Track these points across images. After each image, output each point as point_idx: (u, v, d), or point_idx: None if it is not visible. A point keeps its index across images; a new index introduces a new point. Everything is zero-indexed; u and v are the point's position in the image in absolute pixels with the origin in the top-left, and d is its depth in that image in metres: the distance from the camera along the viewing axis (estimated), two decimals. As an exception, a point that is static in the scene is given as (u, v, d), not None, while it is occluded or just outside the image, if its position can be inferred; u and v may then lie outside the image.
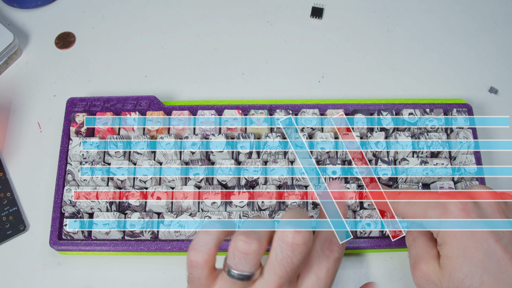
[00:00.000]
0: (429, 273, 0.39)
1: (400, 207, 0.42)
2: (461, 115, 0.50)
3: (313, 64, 0.58)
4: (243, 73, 0.57)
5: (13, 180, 0.52)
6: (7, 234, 0.49)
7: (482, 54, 0.58)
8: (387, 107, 0.51)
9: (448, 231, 0.38)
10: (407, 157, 0.48)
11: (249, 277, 0.34)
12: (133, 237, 0.46)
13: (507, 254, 0.36)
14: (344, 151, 0.48)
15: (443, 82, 0.57)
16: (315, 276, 0.36)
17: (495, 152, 0.53)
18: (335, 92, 0.56)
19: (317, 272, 0.36)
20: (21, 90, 0.57)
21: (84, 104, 0.52)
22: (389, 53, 0.58)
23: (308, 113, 0.50)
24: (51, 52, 0.59)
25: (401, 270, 0.48)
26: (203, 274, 0.35)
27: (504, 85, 0.56)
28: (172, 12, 0.61)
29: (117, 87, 0.57)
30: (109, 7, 0.61)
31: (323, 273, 0.36)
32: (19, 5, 0.60)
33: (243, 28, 0.60)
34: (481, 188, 0.40)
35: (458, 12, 0.61)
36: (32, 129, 0.55)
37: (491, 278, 0.36)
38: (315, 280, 0.36)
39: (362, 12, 0.61)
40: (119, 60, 0.58)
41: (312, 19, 0.60)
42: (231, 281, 0.34)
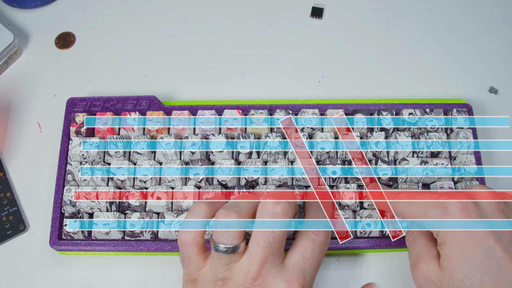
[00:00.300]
0: (429, 273, 0.39)
1: (400, 207, 0.42)
2: (461, 115, 0.50)
3: (313, 64, 0.58)
4: (243, 73, 0.57)
5: (13, 180, 0.52)
6: (7, 234, 0.49)
7: (482, 54, 0.58)
8: (387, 107, 0.51)
9: (448, 231, 0.38)
10: (407, 157, 0.48)
11: (234, 249, 0.37)
12: (133, 237, 0.46)
13: (507, 254, 0.36)
14: (344, 151, 0.48)
15: (443, 82, 0.57)
16: (300, 255, 0.38)
17: (495, 152, 0.53)
18: (335, 92, 0.56)
19: (303, 252, 0.38)
20: (21, 90, 0.57)
21: (84, 104, 0.52)
22: (389, 53, 0.58)
23: (308, 113, 0.50)
24: (51, 52, 0.59)
25: (401, 270, 0.48)
26: (193, 252, 0.38)
27: (504, 85, 0.56)
28: (172, 12, 0.61)
29: (117, 87, 0.57)
30: (109, 7, 0.61)
31: (309, 252, 0.38)
32: (19, 5, 0.60)
33: (243, 28, 0.60)
34: (481, 188, 0.40)
35: (458, 12, 0.61)
36: (32, 129, 0.55)
37: (491, 278, 0.36)
38: (300, 259, 0.38)
39: (362, 12, 0.61)
40: (119, 60, 0.58)
41: (312, 19, 0.60)
42: (217, 256, 0.37)
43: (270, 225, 0.36)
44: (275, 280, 0.36)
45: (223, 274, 0.37)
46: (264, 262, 0.36)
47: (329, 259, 0.48)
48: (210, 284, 0.37)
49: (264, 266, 0.36)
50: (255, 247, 0.37)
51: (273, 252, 0.37)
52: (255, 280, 0.36)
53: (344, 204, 0.46)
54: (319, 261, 0.39)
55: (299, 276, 0.37)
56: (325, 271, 0.48)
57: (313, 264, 0.38)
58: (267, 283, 0.36)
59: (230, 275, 0.37)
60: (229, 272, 0.37)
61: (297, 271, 0.37)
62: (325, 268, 0.48)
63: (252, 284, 0.36)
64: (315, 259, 0.38)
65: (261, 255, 0.36)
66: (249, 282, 0.36)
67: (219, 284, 0.37)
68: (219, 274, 0.37)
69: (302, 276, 0.37)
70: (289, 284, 0.36)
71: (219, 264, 0.37)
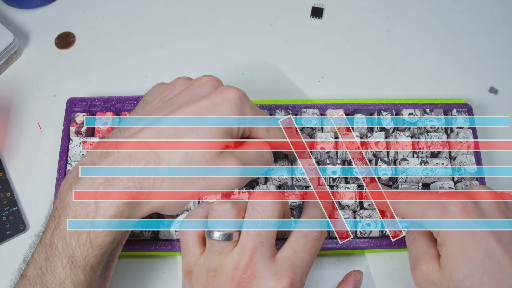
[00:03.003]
0: (429, 273, 0.39)
1: (400, 207, 0.42)
2: (461, 115, 0.50)
3: (313, 64, 0.58)
4: (243, 73, 0.57)
5: (13, 180, 0.52)
6: (7, 234, 0.49)
7: (482, 54, 0.58)
8: (387, 107, 0.51)
9: (448, 231, 0.38)
10: (407, 157, 0.48)
11: (228, 237, 0.37)
12: (133, 237, 0.46)
13: (507, 254, 0.36)
14: (344, 151, 0.48)
15: (443, 82, 0.57)
16: (291, 249, 0.38)
17: (495, 152, 0.53)
18: (335, 92, 0.56)
19: (294, 246, 0.38)
20: (21, 90, 0.57)
21: (84, 104, 0.52)
22: (389, 53, 0.58)
23: (308, 113, 0.50)
24: (51, 52, 0.59)
25: (401, 270, 0.48)
26: (191, 240, 0.39)
27: (504, 85, 0.56)
28: (172, 12, 0.61)
29: (117, 87, 0.57)
30: (109, 7, 0.61)
31: (300, 247, 0.38)
32: (19, 5, 0.60)
33: (243, 28, 0.60)
34: (481, 188, 0.40)
35: (458, 12, 0.61)
36: (32, 129, 0.55)
37: (491, 278, 0.36)
38: (291, 253, 0.38)
39: (362, 12, 0.61)
40: (119, 60, 0.58)
41: (312, 19, 0.60)
42: (210, 244, 0.38)
43: (259, 212, 0.37)
44: (265, 273, 0.36)
45: (215, 265, 0.37)
46: (253, 253, 0.36)
47: (329, 259, 0.48)
48: (203, 274, 0.38)
49: (254, 257, 0.36)
50: (245, 237, 0.37)
51: (262, 241, 0.37)
52: (244, 272, 0.36)
53: (344, 204, 0.46)
54: (311, 256, 0.38)
55: (289, 270, 0.37)
56: (325, 271, 0.48)
57: (304, 258, 0.38)
58: (256, 276, 0.36)
59: (221, 267, 0.37)
60: (220, 263, 0.37)
61: (287, 265, 0.37)
62: (325, 268, 0.48)
63: (241, 276, 0.36)
64: (307, 254, 0.38)
65: (251, 244, 0.37)
66: (239, 274, 0.36)
67: (211, 275, 0.37)
68: (212, 265, 0.37)
69: (292, 270, 0.37)
70: (278, 277, 0.36)
71: (212, 254, 0.38)
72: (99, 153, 0.39)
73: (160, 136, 0.39)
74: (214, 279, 0.37)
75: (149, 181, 0.38)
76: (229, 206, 0.38)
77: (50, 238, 0.38)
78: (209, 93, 0.41)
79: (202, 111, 0.40)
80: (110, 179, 0.38)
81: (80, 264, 0.37)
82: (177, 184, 0.39)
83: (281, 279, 0.36)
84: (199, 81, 0.42)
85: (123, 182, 0.38)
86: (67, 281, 0.37)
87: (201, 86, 0.42)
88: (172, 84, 0.44)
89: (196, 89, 0.42)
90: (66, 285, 0.37)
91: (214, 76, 0.43)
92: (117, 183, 0.38)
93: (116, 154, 0.39)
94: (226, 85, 0.42)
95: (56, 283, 0.37)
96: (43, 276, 0.37)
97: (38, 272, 0.38)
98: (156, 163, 0.38)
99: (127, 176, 0.38)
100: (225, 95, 0.40)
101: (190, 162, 0.39)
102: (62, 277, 0.37)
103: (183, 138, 0.39)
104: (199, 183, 0.40)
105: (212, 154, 0.39)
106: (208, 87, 0.42)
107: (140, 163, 0.38)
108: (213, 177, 0.40)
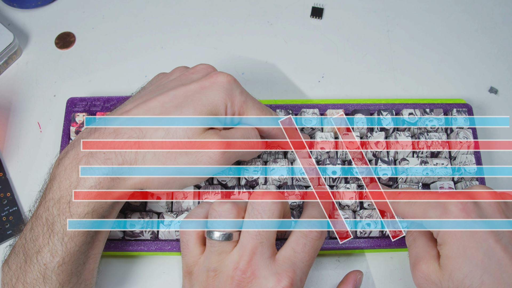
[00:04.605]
0: (429, 273, 0.39)
1: (400, 207, 0.42)
2: (461, 115, 0.50)
3: (313, 64, 0.58)
4: (243, 73, 0.57)
5: (13, 180, 0.52)
6: (7, 234, 0.49)
7: (482, 54, 0.58)
8: (387, 107, 0.51)
9: (448, 231, 0.38)
10: (407, 157, 0.48)
11: (228, 237, 0.37)
12: (133, 237, 0.46)
13: (507, 254, 0.36)
14: (344, 151, 0.48)
15: (443, 82, 0.57)
16: (291, 249, 0.38)
17: (495, 152, 0.53)
18: (335, 92, 0.56)
19: (294, 246, 0.38)
20: (21, 90, 0.57)
21: (84, 104, 0.52)
22: (389, 53, 0.58)
23: (308, 113, 0.50)
24: (51, 52, 0.59)
25: (401, 270, 0.48)
26: (191, 240, 0.39)
27: (504, 85, 0.56)
28: (172, 12, 0.61)
29: (117, 87, 0.57)
30: (109, 7, 0.61)
31: (300, 247, 0.38)
32: (19, 5, 0.60)
33: (243, 28, 0.60)
34: (481, 188, 0.40)
35: (458, 12, 0.61)
36: (32, 129, 0.55)
37: (491, 278, 0.36)
38: (291, 253, 0.38)
39: (362, 12, 0.61)
40: (119, 60, 0.58)
41: (312, 19, 0.60)
42: (210, 244, 0.38)
43: (259, 211, 0.37)
44: (264, 273, 0.36)
45: (215, 265, 0.37)
46: (253, 253, 0.36)
47: (329, 259, 0.48)
48: (203, 274, 0.38)
49: (254, 257, 0.36)
50: (245, 237, 0.37)
51: (262, 241, 0.37)
52: (244, 272, 0.36)
53: (344, 204, 0.46)
54: (311, 256, 0.38)
55: (289, 270, 0.37)
56: (325, 271, 0.48)
57: (304, 258, 0.38)
58: (256, 276, 0.36)
59: (221, 267, 0.37)
60: (220, 263, 0.37)
61: (287, 265, 0.37)
62: (325, 268, 0.48)
63: (241, 276, 0.36)
64: (307, 254, 0.38)
65: (251, 244, 0.37)
66: (239, 274, 0.36)
67: (211, 275, 0.37)
68: (212, 265, 0.37)
69: (292, 270, 0.37)
70: (278, 277, 0.36)
71: (212, 254, 0.38)
72: (89, 129, 0.41)
73: (148, 113, 0.40)
74: (214, 279, 0.37)
75: (131, 155, 0.39)
76: (229, 206, 0.38)
77: (37, 210, 0.40)
78: (200, 78, 0.42)
79: (190, 93, 0.40)
80: (93, 153, 0.39)
81: (58, 232, 0.38)
82: (159, 159, 0.39)
83: (281, 279, 0.36)
84: (194, 68, 0.44)
85: (105, 155, 0.39)
86: (45, 249, 0.38)
87: (194, 73, 0.43)
88: (171, 72, 0.45)
89: (189, 75, 0.43)
90: (44, 253, 0.38)
91: (209, 64, 0.44)
92: (100, 155, 0.39)
93: (103, 130, 0.40)
94: (218, 71, 0.42)
95: (35, 250, 0.38)
96: (26, 245, 0.39)
97: (23, 242, 0.39)
98: (140, 138, 0.39)
99: (110, 150, 0.39)
100: (214, 79, 0.41)
101: (172, 138, 0.39)
102: (41, 245, 0.38)
103: (169, 115, 0.39)
104: (182, 159, 0.39)
105: (195, 130, 0.39)
106: (201, 73, 0.43)
107: (124, 137, 0.39)
108: (195, 151, 0.39)
